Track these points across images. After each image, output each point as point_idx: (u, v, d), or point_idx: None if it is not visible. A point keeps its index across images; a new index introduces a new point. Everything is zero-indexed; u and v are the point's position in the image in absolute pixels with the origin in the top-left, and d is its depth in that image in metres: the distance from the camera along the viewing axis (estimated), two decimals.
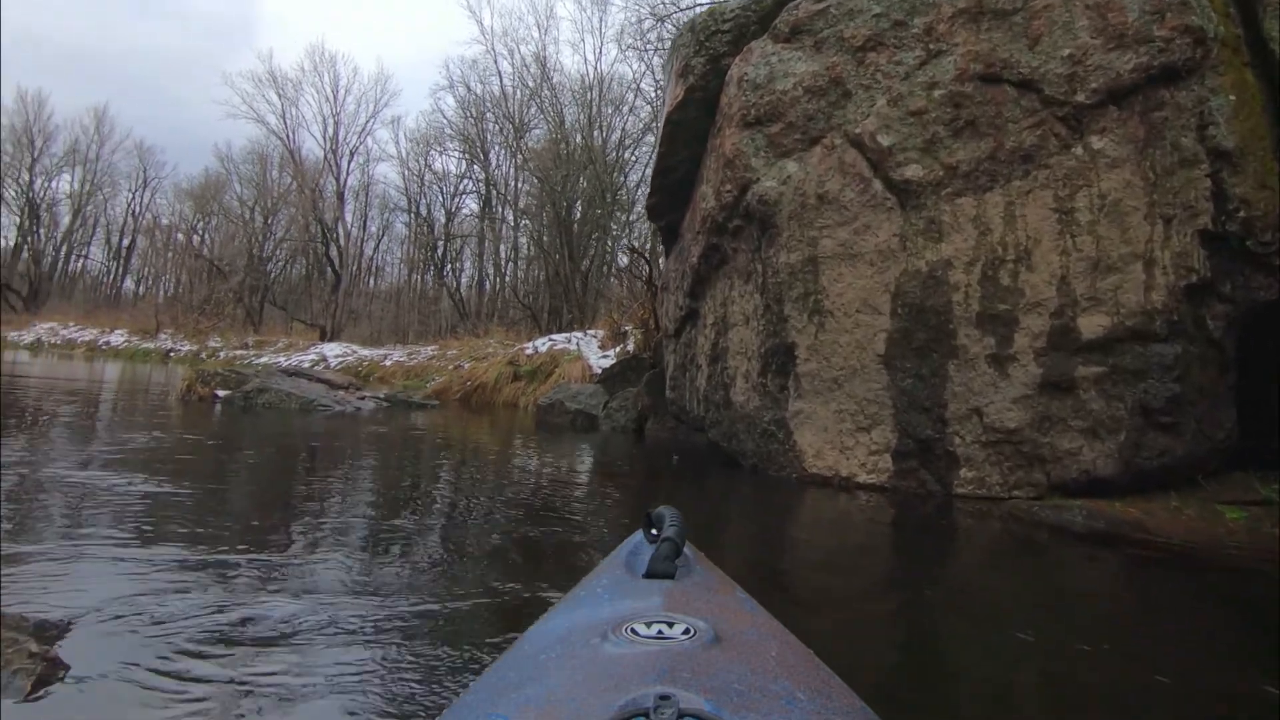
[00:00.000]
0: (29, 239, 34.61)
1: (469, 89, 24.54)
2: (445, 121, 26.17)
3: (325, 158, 30.01)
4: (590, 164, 21.87)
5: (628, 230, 22.58)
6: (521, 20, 37.62)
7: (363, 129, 30.00)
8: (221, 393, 6.45)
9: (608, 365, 9.50)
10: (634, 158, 22.55)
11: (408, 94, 47.21)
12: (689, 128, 4.75)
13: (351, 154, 30.43)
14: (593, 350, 12.06)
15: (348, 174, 30.54)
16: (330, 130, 29.76)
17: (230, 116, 28.72)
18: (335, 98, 29.56)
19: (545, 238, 23.27)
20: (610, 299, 17.41)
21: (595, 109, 22.62)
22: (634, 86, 21.86)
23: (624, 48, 21.38)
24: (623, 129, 22.73)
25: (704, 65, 4.48)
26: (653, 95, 21.06)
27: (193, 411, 5.87)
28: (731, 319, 4.39)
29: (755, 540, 2.96)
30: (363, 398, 7.81)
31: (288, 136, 29.52)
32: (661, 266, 7.73)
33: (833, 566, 2.62)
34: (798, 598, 2.15)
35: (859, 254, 3.81)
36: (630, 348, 10.89)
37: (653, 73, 21.07)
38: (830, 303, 3.84)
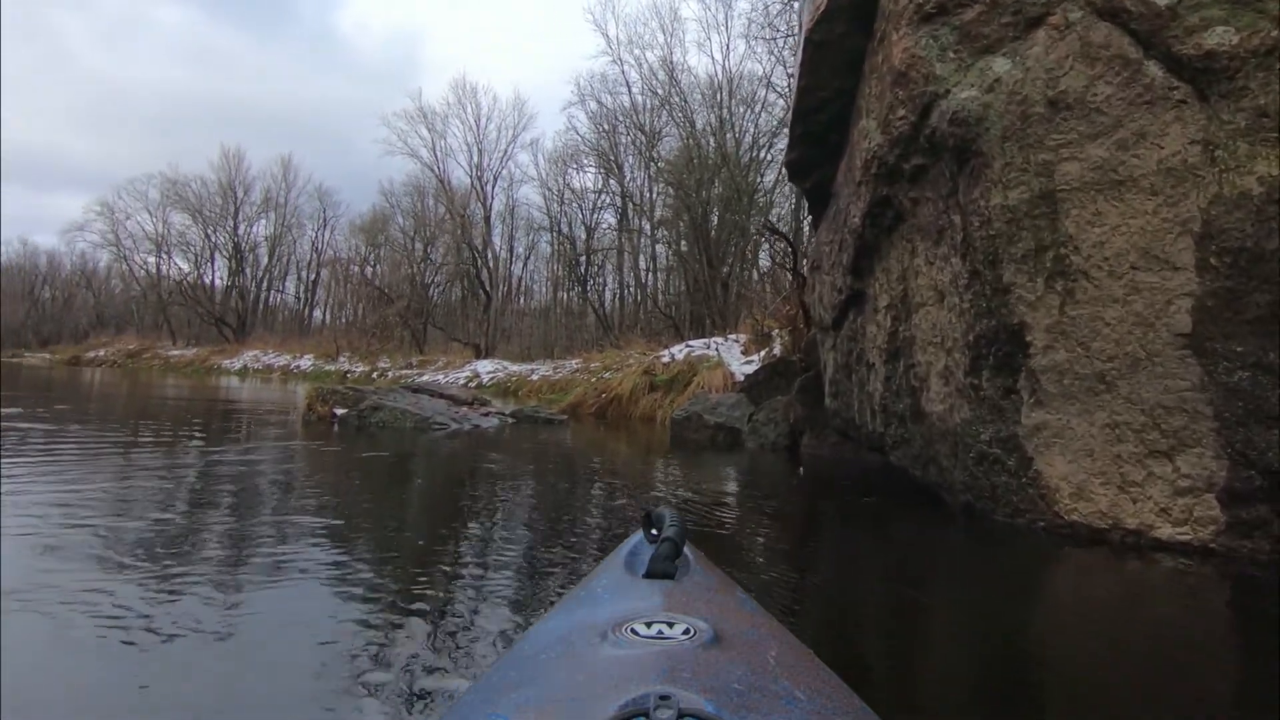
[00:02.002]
0: (235, 278, 39.69)
1: (599, 103, 24.55)
2: (579, 139, 26.43)
3: (472, 185, 31.53)
4: (724, 166, 20.89)
5: (768, 236, 21.29)
6: (646, 26, 37.38)
7: (504, 154, 31.16)
8: (339, 411, 6.16)
9: (752, 372, 8.36)
10: (769, 157, 21.36)
11: (543, 115, 48.75)
12: (837, 48, 3.56)
13: (495, 179, 31.71)
14: (734, 356, 10.93)
15: (492, 199, 31.87)
16: (475, 158, 31.22)
17: (388, 154, 30.90)
18: (478, 127, 30.97)
19: (684, 246, 22.65)
20: (752, 300, 16.22)
21: (726, 109, 21.63)
22: (765, 80, 20.58)
23: (752, 39, 20.23)
24: (755, 126, 21.53)
25: None
26: (784, 87, 19.70)
27: (309, 432, 5.55)
28: (917, 297, 3.14)
29: (984, 652, 1.74)
30: (486, 414, 7.31)
31: (438, 167, 31.36)
32: (809, 248, 6.49)
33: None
34: None
35: (1130, 178, 2.44)
36: (777, 351, 9.66)
37: (783, 64, 19.74)
38: (1083, 258, 2.49)
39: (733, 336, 12.19)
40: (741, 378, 9.01)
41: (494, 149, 31.27)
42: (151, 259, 40.10)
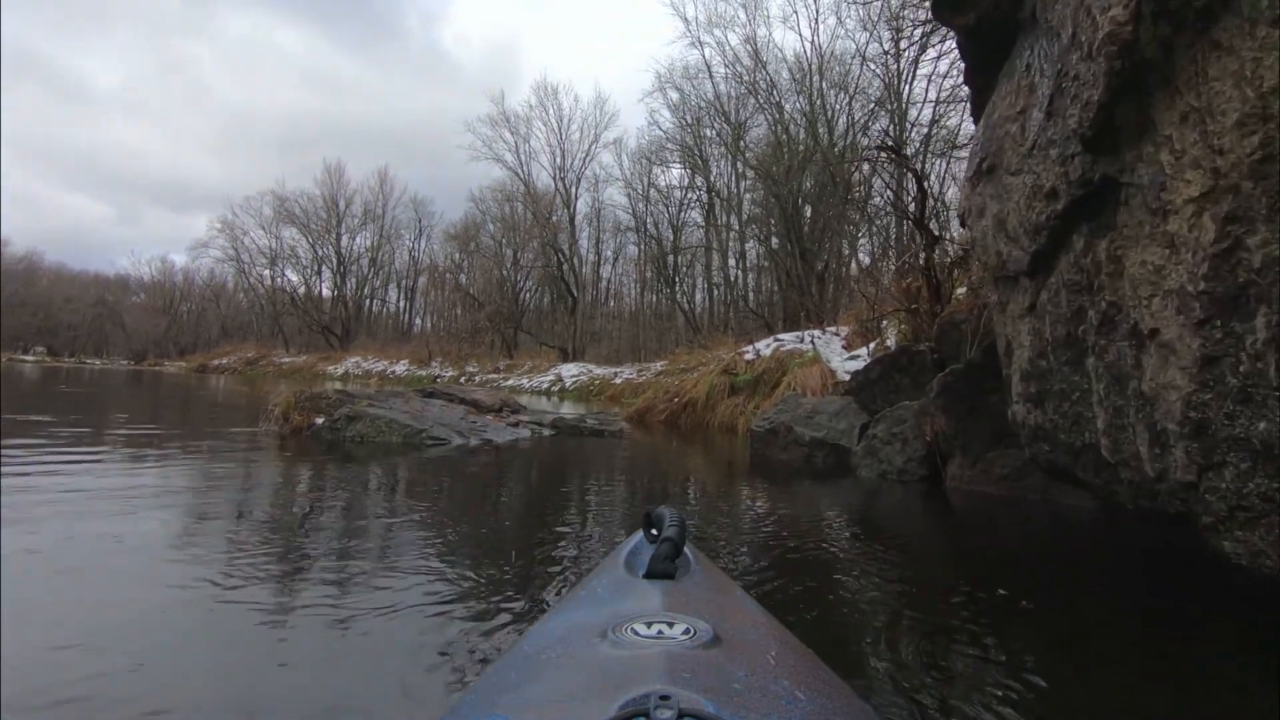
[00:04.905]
0: (339, 289, 41.04)
1: (680, 92, 23.06)
2: (662, 134, 25.06)
3: (555, 187, 30.77)
4: (817, 150, 18.71)
5: (868, 225, 18.86)
6: (727, 3, 35.18)
7: (586, 154, 30.23)
8: (320, 420, 4.81)
9: (860, 369, 6.36)
10: (867, 141, 19.02)
11: (626, 113, 47.63)
12: None
13: (578, 180, 30.83)
14: (835, 351, 8.87)
15: (576, 200, 30.99)
16: (558, 160, 30.46)
17: (473, 159, 30.65)
18: (560, 128, 30.22)
19: (774, 242, 20.78)
20: (855, 287, 14.01)
21: (816, 93, 19.46)
22: (859, 56, 18.20)
23: (844, 7, 17.97)
24: (850, 109, 19.21)
25: None
26: (880, 61, 17.30)
27: (258, 456, 4.18)
28: None
29: None
30: (516, 424, 5.79)
31: (522, 170, 30.84)
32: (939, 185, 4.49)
33: None
34: None
35: None
36: (891, 343, 7.56)
37: (879, 40, 17.34)
38: None
39: (831, 329, 10.10)
40: (846, 376, 7.03)
41: (576, 150, 30.45)
42: (266, 272, 42.28)
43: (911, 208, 6.03)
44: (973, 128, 2.85)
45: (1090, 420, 1.93)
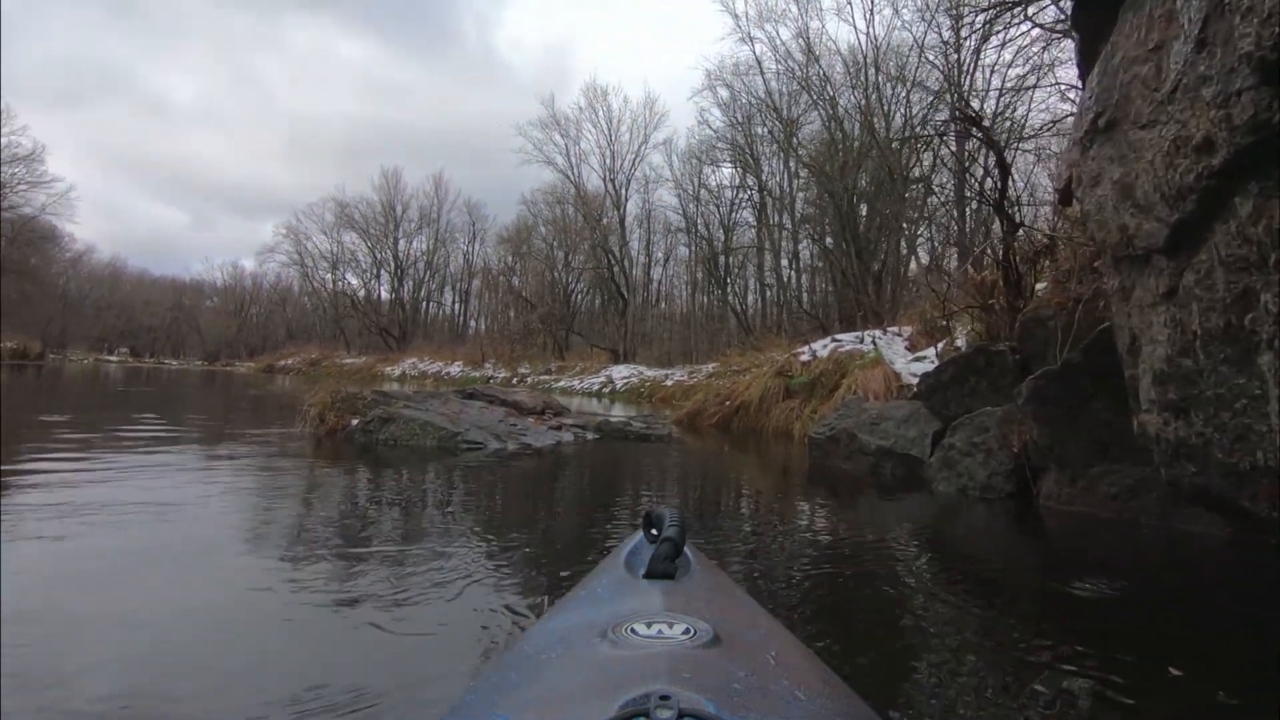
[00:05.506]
0: (397, 292, 42.00)
1: (730, 89, 22.49)
2: (712, 133, 24.50)
3: (605, 189, 30.64)
4: (873, 146, 17.89)
5: (928, 223, 17.95)
6: None
7: (636, 155, 30.00)
8: (355, 421, 4.65)
9: (929, 371, 5.84)
10: (928, 133, 18.03)
11: (674, 113, 46.92)
12: None
13: (628, 181, 30.61)
14: (897, 352, 8.31)
15: (626, 201, 30.79)
16: (608, 161, 30.33)
17: (524, 163, 30.75)
18: (609, 130, 30.07)
19: (828, 241, 20.07)
20: (914, 289, 13.27)
21: (872, 87, 18.60)
22: (917, 46, 17.27)
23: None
24: (908, 103, 18.29)
25: None
26: (939, 50, 16.37)
27: (285, 460, 4.02)
28: None
29: None
30: (558, 427, 5.53)
31: (572, 173, 30.84)
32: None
33: None
34: None
35: None
36: (961, 343, 6.99)
37: (938, 30, 16.40)
38: None
39: (892, 330, 9.51)
40: (912, 379, 6.51)
41: (626, 151, 30.23)
42: (328, 276, 43.61)
43: (990, 190, 5.47)
44: (1043, 118, 2.40)
45: (1264, 436, 1.50)
